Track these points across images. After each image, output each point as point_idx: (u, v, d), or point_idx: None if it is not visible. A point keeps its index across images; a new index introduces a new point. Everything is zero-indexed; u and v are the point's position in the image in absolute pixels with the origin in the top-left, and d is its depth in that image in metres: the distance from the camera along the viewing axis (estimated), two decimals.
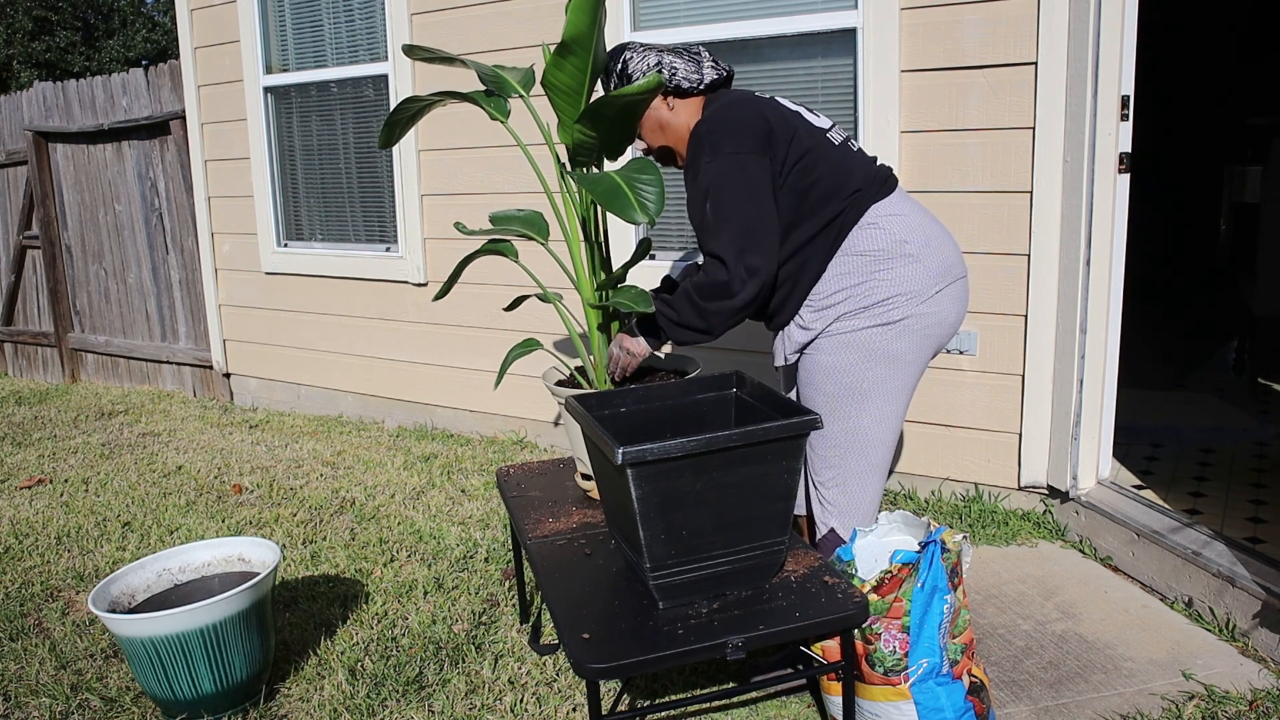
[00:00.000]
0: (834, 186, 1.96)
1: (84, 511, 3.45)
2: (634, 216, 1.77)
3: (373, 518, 3.29)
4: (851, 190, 1.97)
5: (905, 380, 2.01)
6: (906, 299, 1.95)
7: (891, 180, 2.04)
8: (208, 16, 4.68)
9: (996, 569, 2.69)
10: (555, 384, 2.23)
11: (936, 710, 1.74)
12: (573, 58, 1.86)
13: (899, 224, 1.97)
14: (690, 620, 1.63)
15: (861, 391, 1.99)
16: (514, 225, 2.34)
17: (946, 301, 1.99)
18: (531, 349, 2.31)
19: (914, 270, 1.95)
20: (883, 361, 1.97)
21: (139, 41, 20.56)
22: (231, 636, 2.05)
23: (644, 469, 1.56)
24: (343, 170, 4.45)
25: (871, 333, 1.96)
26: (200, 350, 5.22)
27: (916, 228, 1.99)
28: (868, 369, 1.98)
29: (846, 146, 2.04)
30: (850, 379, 1.99)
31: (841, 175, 1.97)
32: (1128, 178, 2.76)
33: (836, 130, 2.07)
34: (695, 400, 1.95)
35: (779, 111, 1.99)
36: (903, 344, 1.97)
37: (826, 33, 3.11)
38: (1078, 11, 2.67)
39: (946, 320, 2.01)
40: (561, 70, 1.89)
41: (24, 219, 5.86)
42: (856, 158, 2.02)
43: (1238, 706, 1.99)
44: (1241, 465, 3.14)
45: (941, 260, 1.98)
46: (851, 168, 1.99)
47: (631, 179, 1.84)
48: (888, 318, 1.95)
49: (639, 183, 1.83)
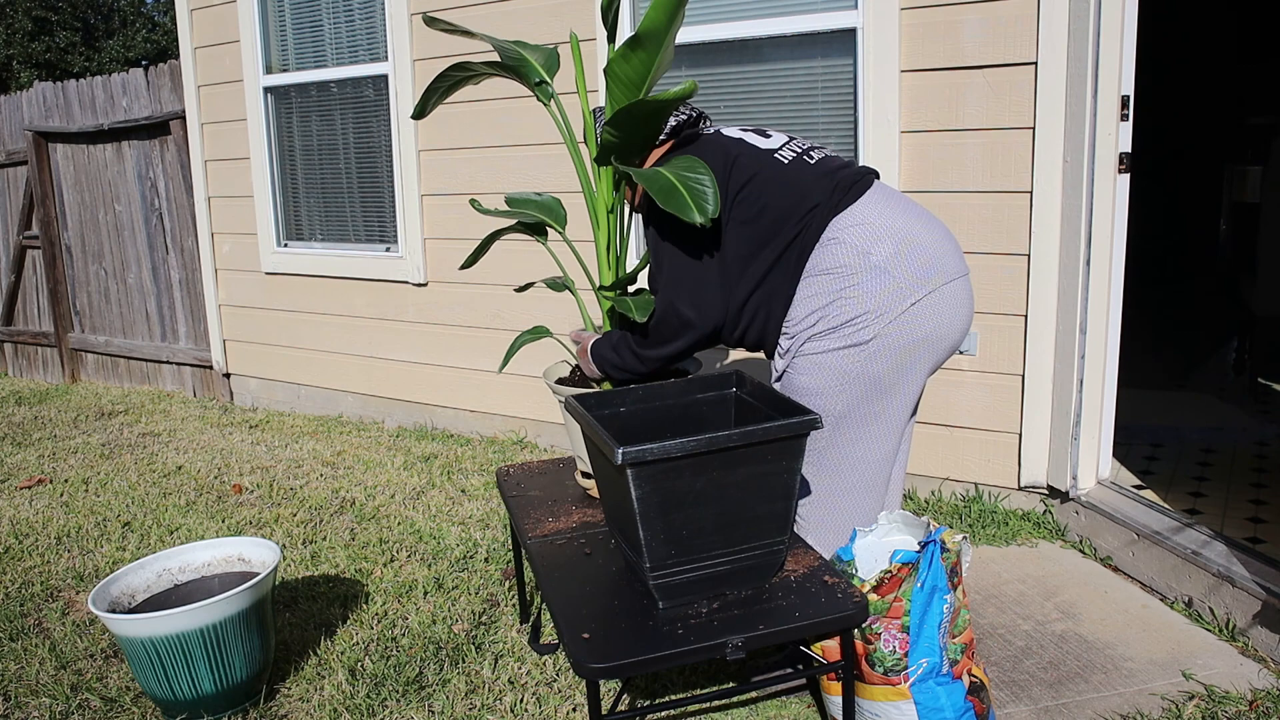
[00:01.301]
0: (786, 209, 1.89)
1: (84, 511, 3.45)
2: (692, 216, 1.74)
3: (373, 518, 3.29)
4: (808, 208, 1.89)
5: (889, 402, 1.91)
6: (875, 317, 1.84)
7: (862, 183, 1.93)
8: (208, 16, 4.68)
9: (996, 569, 2.69)
10: (556, 381, 2.23)
11: (936, 710, 1.74)
12: (642, 51, 1.84)
13: (861, 234, 1.86)
14: (690, 620, 1.63)
15: (835, 415, 1.92)
16: (530, 209, 2.31)
17: (928, 310, 1.86)
18: (540, 336, 2.30)
19: (881, 284, 1.84)
20: (859, 384, 1.89)
21: (139, 41, 20.56)
22: (231, 636, 2.05)
23: (644, 469, 1.56)
24: (343, 170, 4.45)
25: (842, 355, 1.87)
26: (200, 350, 5.22)
27: (885, 235, 1.86)
28: (842, 392, 1.90)
29: (801, 161, 1.95)
30: (824, 402, 1.91)
31: (793, 195, 1.90)
32: (1128, 178, 2.76)
33: (790, 146, 2.00)
34: (695, 400, 1.95)
35: (721, 149, 1.96)
36: (879, 365, 1.87)
37: (826, 33, 3.11)
38: (1078, 11, 2.67)
39: (935, 332, 1.88)
40: (628, 62, 1.87)
41: (24, 219, 5.86)
42: (813, 170, 1.93)
43: (1238, 706, 1.99)
44: (1241, 465, 3.14)
45: (918, 266, 1.86)
46: (805, 184, 1.90)
47: (684, 178, 1.81)
48: (857, 338, 1.86)
49: (692, 182, 1.81)
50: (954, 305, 1.90)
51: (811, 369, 1.91)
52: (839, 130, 3.18)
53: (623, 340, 2.04)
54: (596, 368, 2.11)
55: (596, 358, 2.10)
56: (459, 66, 2.11)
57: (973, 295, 1.98)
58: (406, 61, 4.03)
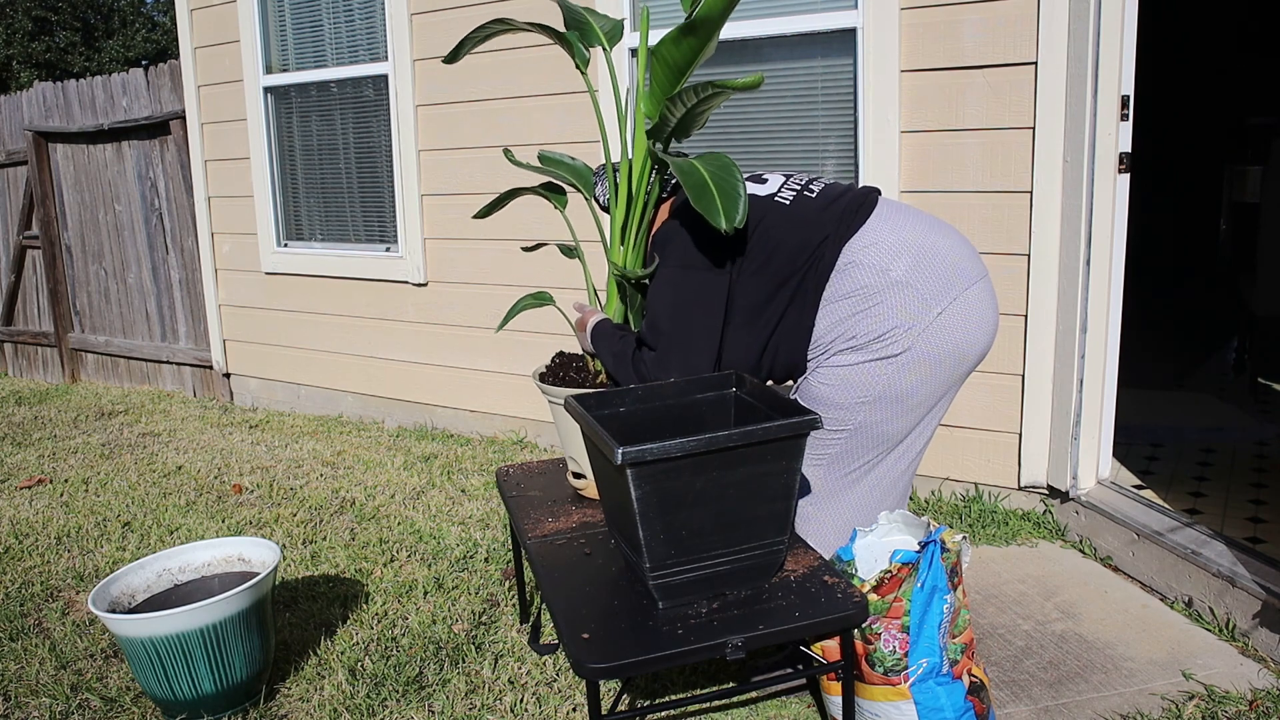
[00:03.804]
0: (797, 245, 1.89)
1: (84, 511, 3.45)
2: (718, 220, 1.73)
3: (373, 518, 3.29)
4: (819, 240, 1.89)
5: (910, 419, 1.90)
6: (905, 330, 1.84)
7: (867, 204, 1.94)
8: (208, 16, 4.68)
9: (996, 569, 2.69)
10: (541, 379, 2.22)
11: (936, 710, 1.74)
12: (693, 38, 1.84)
13: (877, 254, 1.87)
14: (690, 620, 1.63)
15: (854, 426, 1.91)
16: (562, 170, 2.29)
17: (955, 319, 1.86)
18: (544, 301, 2.29)
19: (905, 298, 1.84)
20: (887, 402, 1.88)
21: (139, 41, 20.56)
22: (231, 636, 2.05)
23: (644, 469, 1.56)
24: (343, 170, 4.45)
25: (871, 368, 1.86)
26: (200, 350, 5.22)
27: (901, 249, 1.86)
28: (864, 405, 1.89)
29: (802, 198, 1.96)
30: (843, 415, 1.90)
31: (803, 231, 1.90)
32: (1128, 178, 2.76)
33: (788, 186, 2.00)
34: (695, 400, 1.95)
35: None
36: (910, 379, 1.86)
37: (826, 33, 3.11)
38: (1078, 11, 2.67)
39: (965, 340, 1.87)
40: (678, 46, 1.86)
41: (24, 219, 5.86)
42: (815, 204, 1.94)
43: (1238, 706, 1.99)
44: (1241, 465, 3.14)
45: (938, 276, 1.86)
46: (811, 219, 1.91)
47: (719, 178, 1.78)
48: (888, 351, 1.85)
49: (725, 185, 1.79)
50: (980, 310, 1.90)
51: (835, 380, 1.90)
52: (839, 130, 3.18)
53: (624, 353, 2.03)
54: (593, 346, 2.11)
55: (600, 343, 2.08)
56: (499, 20, 2.10)
57: (995, 297, 1.96)
58: (406, 61, 4.03)
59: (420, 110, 4.07)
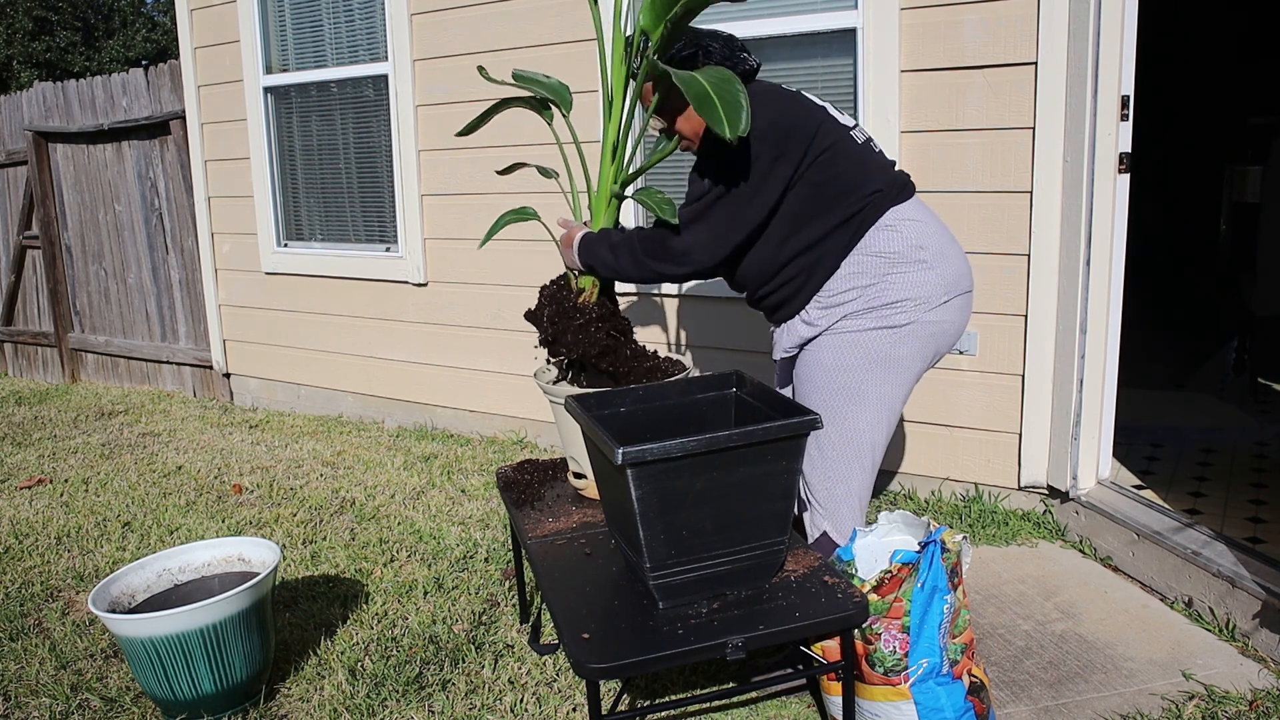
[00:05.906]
0: (852, 184, 1.96)
1: (84, 511, 3.45)
2: (722, 129, 1.70)
3: (373, 518, 3.29)
4: (871, 190, 1.97)
5: (902, 386, 2.02)
6: (915, 304, 1.96)
7: (910, 187, 2.05)
8: (208, 16, 4.68)
9: (996, 569, 2.69)
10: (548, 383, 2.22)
11: (936, 710, 1.74)
12: None
13: (916, 229, 1.98)
14: (690, 620, 1.63)
15: (860, 393, 2.00)
16: (537, 87, 2.29)
17: (953, 312, 2.00)
18: (527, 216, 2.28)
19: (926, 276, 1.96)
20: (883, 365, 1.98)
21: (139, 41, 20.57)
22: (231, 636, 2.05)
23: (644, 469, 1.56)
24: (343, 170, 4.45)
25: (875, 335, 1.97)
26: (200, 350, 5.22)
27: (932, 235, 1.99)
28: (867, 371, 1.98)
29: (868, 147, 2.04)
30: (849, 379, 1.99)
31: (861, 174, 1.97)
32: (1128, 178, 2.76)
33: (859, 130, 2.07)
34: (695, 400, 1.95)
35: (803, 107, 1.98)
36: (905, 349, 1.98)
37: (826, 33, 3.11)
38: (1078, 11, 2.67)
39: (950, 330, 2.02)
40: None
41: (24, 219, 5.86)
42: (877, 159, 2.03)
43: (1238, 706, 1.99)
44: (1241, 465, 3.14)
45: (953, 271, 2.00)
46: (871, 168, 1.99)
47: (720, 88, 1.76)
48: (893, 321, 1.96)
49: (727, 95, 1.75)
50: (965, 315, 2.07)
51: (842, 347, 1.99)
52: None
53: (626, 243, 2.04)
54: (580, 259, 2.12)
55: (588, 252, 2.09)
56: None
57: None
58: (406, 61, 4.03)
59: (420, 110, 4.07)
